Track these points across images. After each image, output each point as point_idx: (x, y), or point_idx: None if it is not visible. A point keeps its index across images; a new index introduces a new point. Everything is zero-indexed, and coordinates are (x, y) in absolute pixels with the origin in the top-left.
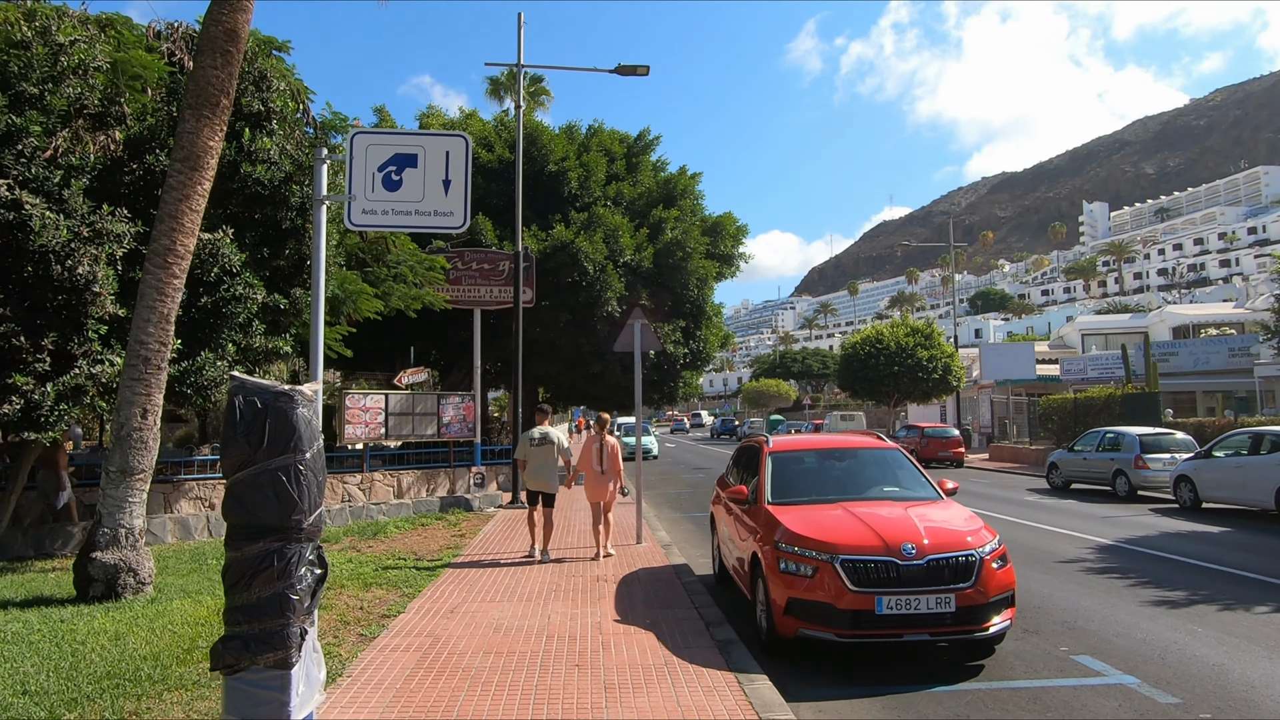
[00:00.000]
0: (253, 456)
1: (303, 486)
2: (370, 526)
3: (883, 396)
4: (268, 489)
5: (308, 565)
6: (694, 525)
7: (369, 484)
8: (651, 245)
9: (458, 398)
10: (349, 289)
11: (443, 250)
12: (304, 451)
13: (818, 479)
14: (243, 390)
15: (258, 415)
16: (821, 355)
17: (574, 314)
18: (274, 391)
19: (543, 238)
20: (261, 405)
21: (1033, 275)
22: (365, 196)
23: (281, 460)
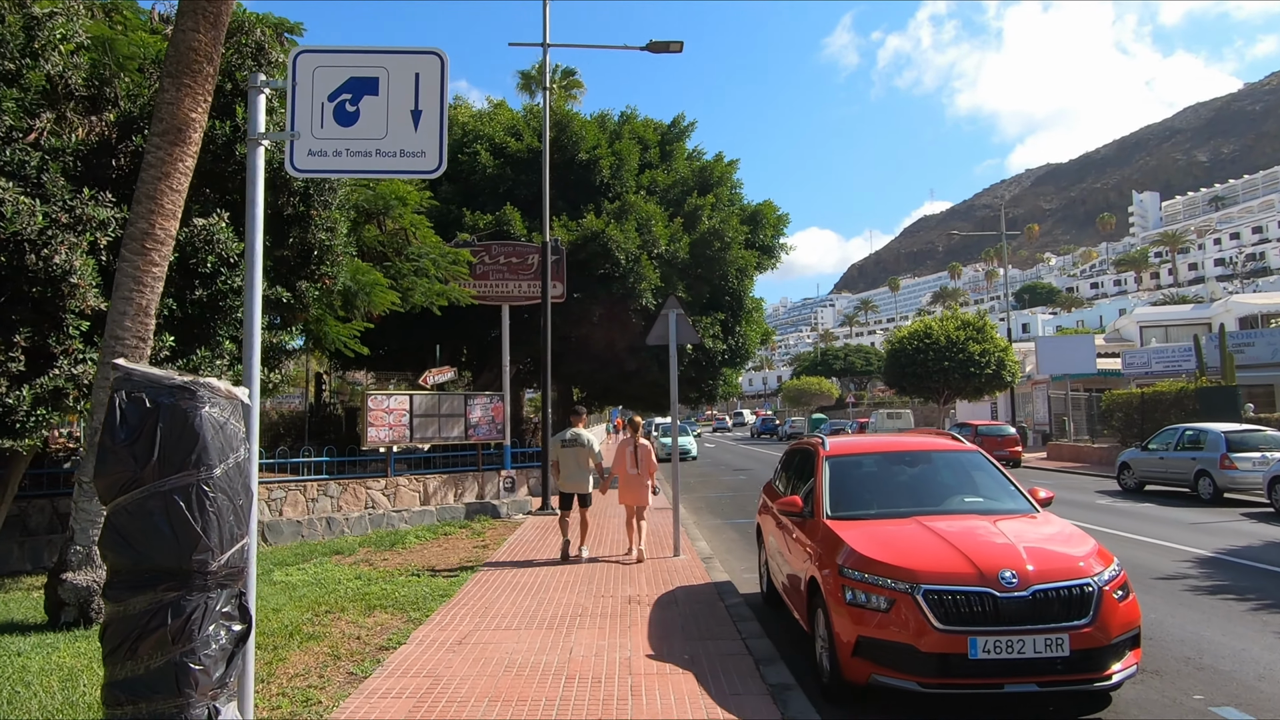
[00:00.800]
0: (139, 474)
1: (209, 515)
2: (389, 536)
3: (931, 393)
4: (159, 518)
5: (220, 621)
6: (737, 533)
7: (393, 489)
8: (687, 235)
9: (486, 398)
10: (362, 280)
11: (468, 244)
12: (211, 467)
13: (885, 488)
14: (127, 384)
15: (146, 418)
16: (865, 352)
17: (606, 308)
18: (169, 386)
19: (573, 228)
20: (151, 404)
21: (1080, 268)
22: (312, 134)
23: (179, 479)
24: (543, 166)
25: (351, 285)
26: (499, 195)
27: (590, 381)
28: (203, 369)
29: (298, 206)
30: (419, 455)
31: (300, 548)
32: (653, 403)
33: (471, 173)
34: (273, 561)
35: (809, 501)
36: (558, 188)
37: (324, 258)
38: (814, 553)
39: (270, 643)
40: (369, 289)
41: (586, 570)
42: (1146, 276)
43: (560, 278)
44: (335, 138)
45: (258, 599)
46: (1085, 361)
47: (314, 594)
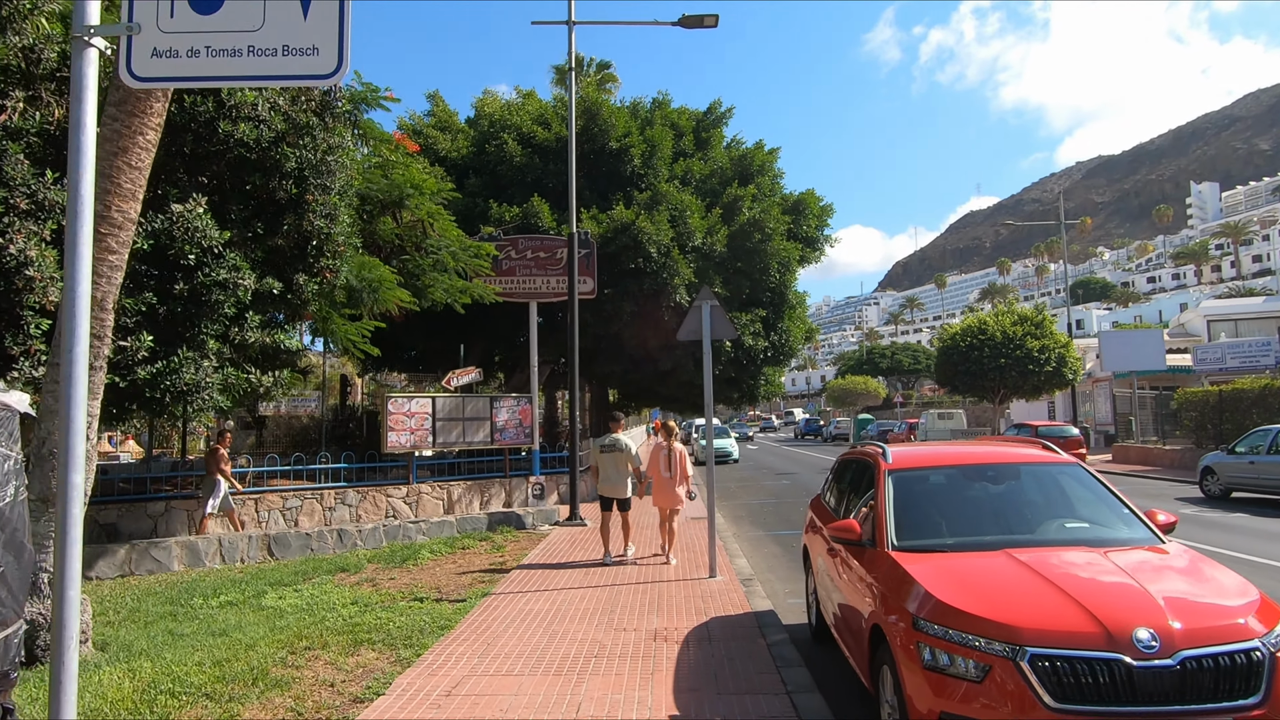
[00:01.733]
0: None
1: None
2: (403, 550)
3: (986, 392)
4: None
5: None
6: (780, 548)
7: (415, 497)
8: (725, 227)
9: (513, 400)
10: (368, 276)
11: (493, 238)
12: None
13: (964, 510)
14: None
15: None
16: (912, 350)
17: (638, 305)
18: None
19: (602, 220)
20: None
21: (1135, 262)
22: (159, 26)
23: None
24: (569, 150)
25: (356, 281)
26: (526, 186)
27: (624, 382)
28: (184, 371)
29: (291, 190)
30: (444, 460)
31: (305, 564)
32: (690, 403)
33: (499, 163)
34: (270, 580)
35: (869, 526)
36: (587, 178)
37: (323, 248)
38: (878, 593)
39: (226, 692)
40: (375, 285)
41: (609, 596)
42: (1207, 270)
43: (590, 273)
44: (191, 30)
45: (235, 629)
46: (1154, 357)
47: (299, 624)
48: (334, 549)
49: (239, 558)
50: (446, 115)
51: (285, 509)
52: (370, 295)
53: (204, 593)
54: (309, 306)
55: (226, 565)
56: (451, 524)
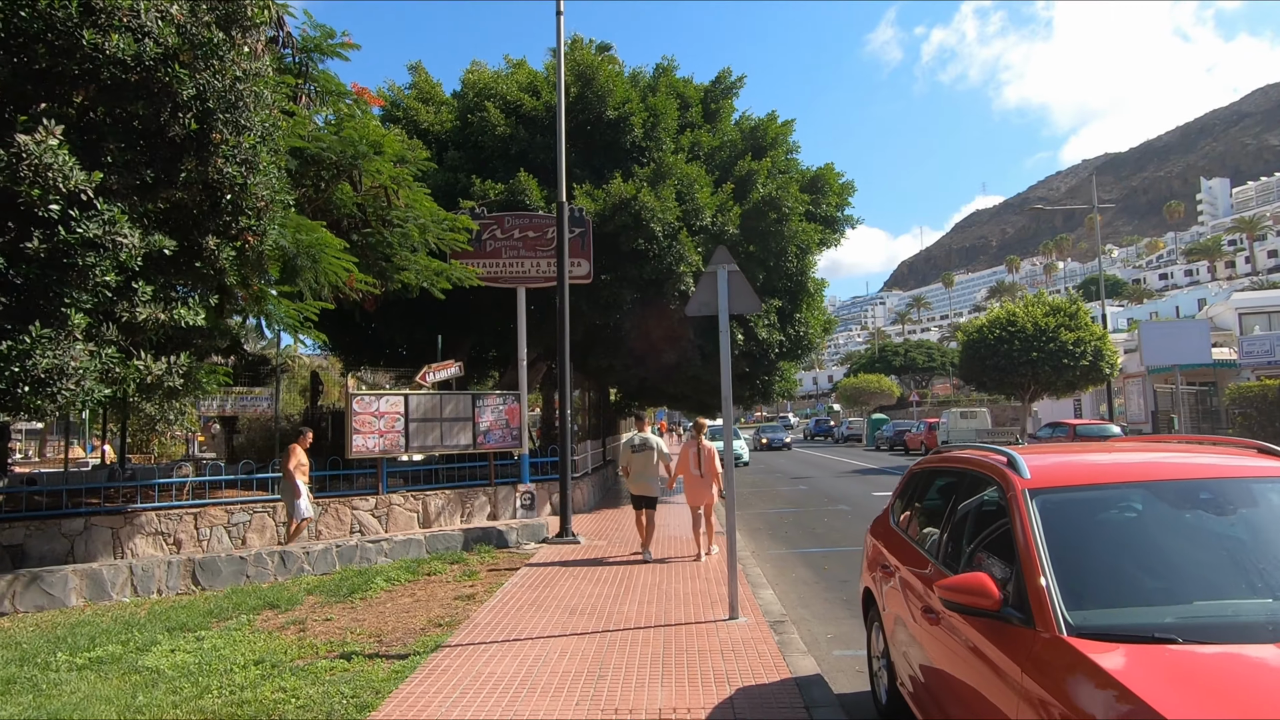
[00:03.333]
0: None
1: None
2: (355, 578)
3: (1015, 389)
4: None
5: None
6: (809, 571)
7: (385, 510)
8: (737, 205)
9: (498, 398)
10: (304, 240)
11: (475, 214)
12: None
13: (1175, 561)
14: None
15: None
16: (926, 347)
17: (640, 291)
18: None
19: (599, 196)
20: None
21: (1145, 259)
22: None
23: None
24: (558, 93)
25: (289, 246)
26: (511, 160)
27: (625, 378)
28: (40, 353)
29: (190, 125)
30: (421, 468)
31: (230, 597)
32: (698, 402)
33: (481, 134)
34: (173, 623)
35: (1012, 590)
36: (581, 150)
37: (240, 204)
38: (1055, 717)
39: None
40: (315, 252)
41: (599, 650)
42: (1220, 266)
43: (585, 255)
44: None
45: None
46: (1197, 350)
47: (167, 702)
48: (274, 575)
49: (155, 588)
50: (429, 86)
51: (231, 525)
52: (310, 266)
53: (77, 644)
54: (226, 277)
55: (139, 598)
56: (420, 543)
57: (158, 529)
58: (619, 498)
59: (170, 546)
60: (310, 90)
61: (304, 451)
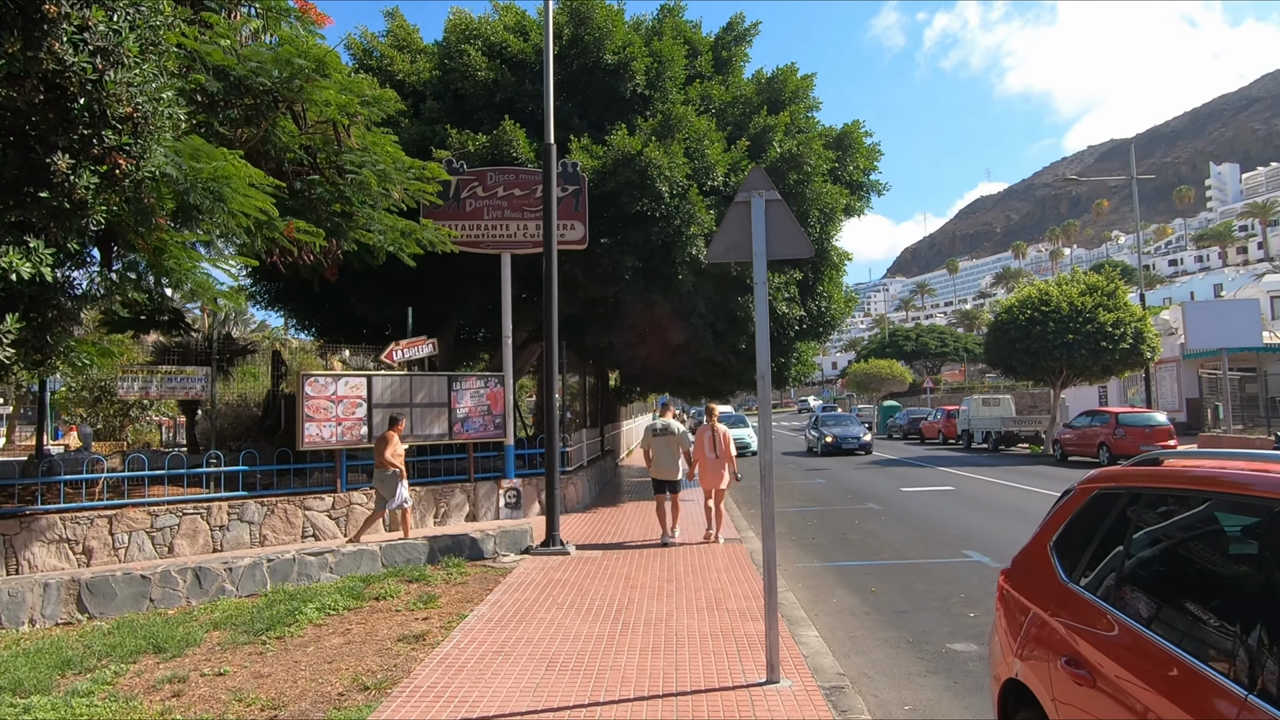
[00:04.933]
0: None
1: None
2: (282, 604)
3: (1047, 373)
4: None
5: None
6: (853, 593)
7: (344, 510)
8: (753, 163)
9: (478, 381)
10: (201, 168)
11: (453, 169)
12: None
13: None
14: None
15: None
16: (939, 332)
17: (643, 259)
18: None
19: (597, 152)
20: None
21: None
22: None
23: None
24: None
25: (178, 176)
26: (496, 109)
27: (626, 359)
28: None
29: None
30: None
31: (115, 632)
32: (708, 386)
33: (462, 81)
34: (10, 677)
35: None
36: (576, 100)
37: (102, 111)
38: None
39: None
40: (217, 187)
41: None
42: (1232, 251)
43: (580, 216)
44: None
45: None
46: (1247, 332)
47: None
48: (186, 597)
49: (26, 617)
50: (406, 33)
51: (155, 530)
52: (214, 205)
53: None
54: (91, 213)
55: (1, 630)
56: (375, 555)
57: (62, 535)
58: (618, 492)
59: (79, 556)
60: (249, 12)
61: (399, 440)
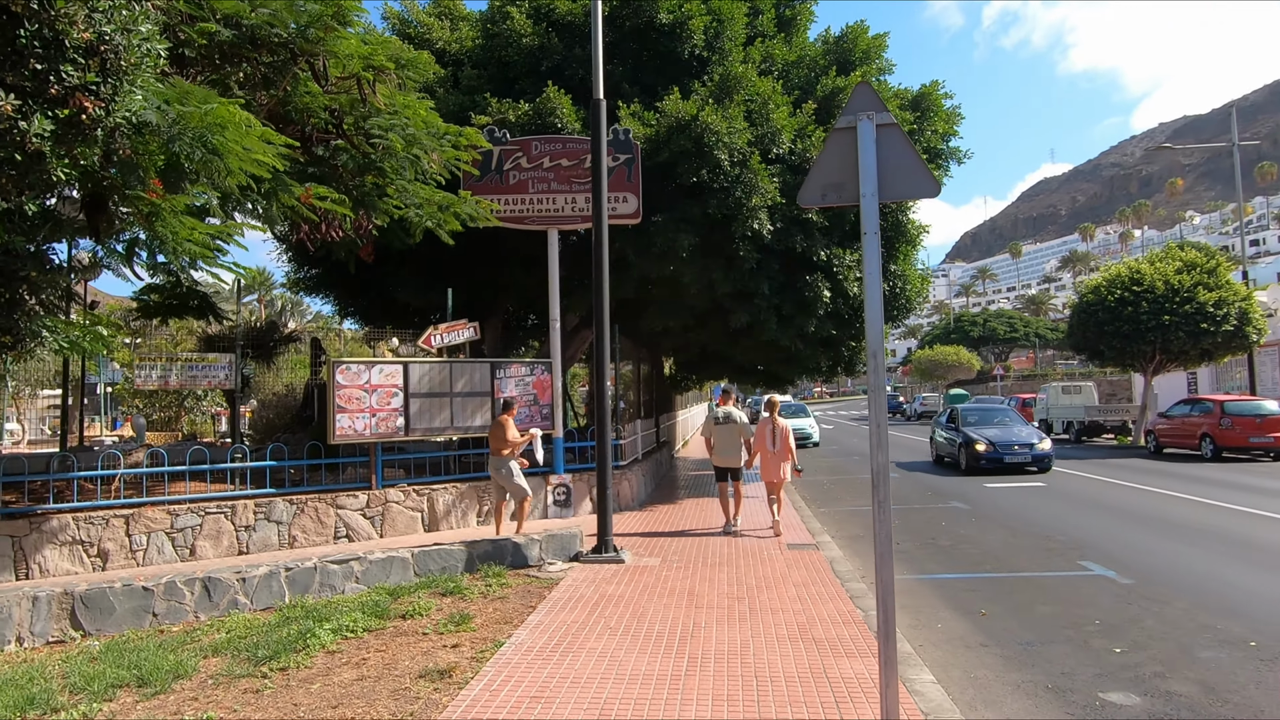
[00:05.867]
0: None
1: None
2: (296, 620)
3: (1138, 358)
4: None
5: None
6: (960, 615)
7: (380, 508)
8: (821, 128)
9: (523, 368)
10: (191, 116)
11: (495, 137)
12: None
13: None
14: None
15: None
16: (1007, 317)
17: (701, 236)
18: None
19: (649, 120)
20: None
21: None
22: None
23: None
24: None
25: (160, 122)
26: (539, 75)
27: (683, 345)
28: None
29: None
30: (429, 455)
31: (104, 655)
32: (770, 374)
33: (505, 47)
34: None
35: None
36: (628, 65)
37: (57, 40)
38: None
39: None
40: (203, 135)
41: None
42: None
43: (633, 188)
44: None
45: None
46: None
47: None
48: (193, 612)
49: (13, 635)
50: (449, 1)
51: (175, 530)
52: (206, 157)
53: None
54: (48, 167)
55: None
56: (406, 562)
57: (75, 537)
58: (675, 487)
59: (94, 559)
60: None
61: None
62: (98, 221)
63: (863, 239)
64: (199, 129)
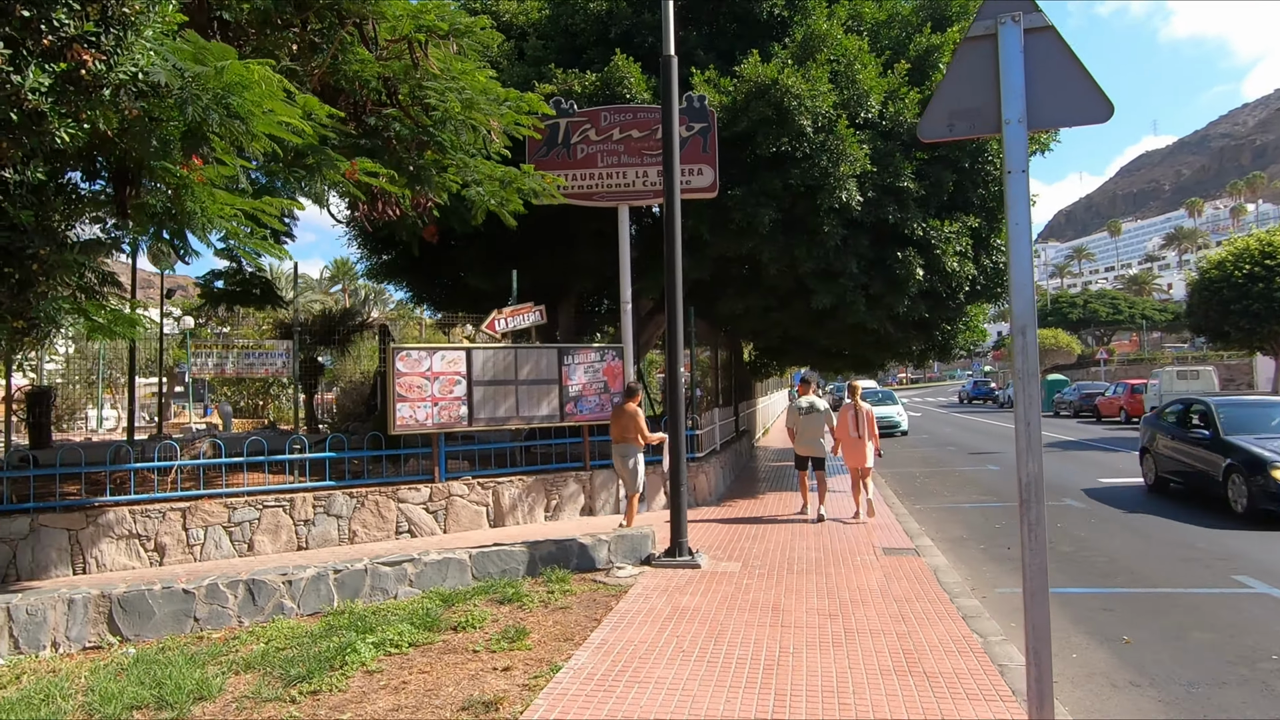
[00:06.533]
0: None
1: None
2: (336, 632)
3: (1270, 338)
4: None
5: None
6: (1101, 644)
7: (443, 502)
8: (915, 90)
9: (593, 354)
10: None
11: (561, 107)
12: None
13: None
14: None
15: None
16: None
17: (782, 208)
18: None
19: (725, 87)
20: None
21: None
22: None
23: None
24: None
25: (171, 80)
26: (608, 44)
27: (763, 328)
28: None
29: None
30: (494, 446)
31: (127, 671)
32: (856, 358)
33: (573, 16)
34: None
35: None
36: (703, 30)
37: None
38: None
39: None
40: (223, 96)
41: None
42: None
43: (709, 159)
44: None
45: None
46: None
47: None
48: (236, 616)
49: (47, 639)
50: None
51: (232, 524)
52: (224, 120)
53: None
54: (50, 127)
55: (19, 655)
56: (463, 564)
57: (132, 530)
58: (755, 480)
59: (150, 553)
60: None
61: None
62: (124, 196)
63: (1006, 182)
64: (217, 88)
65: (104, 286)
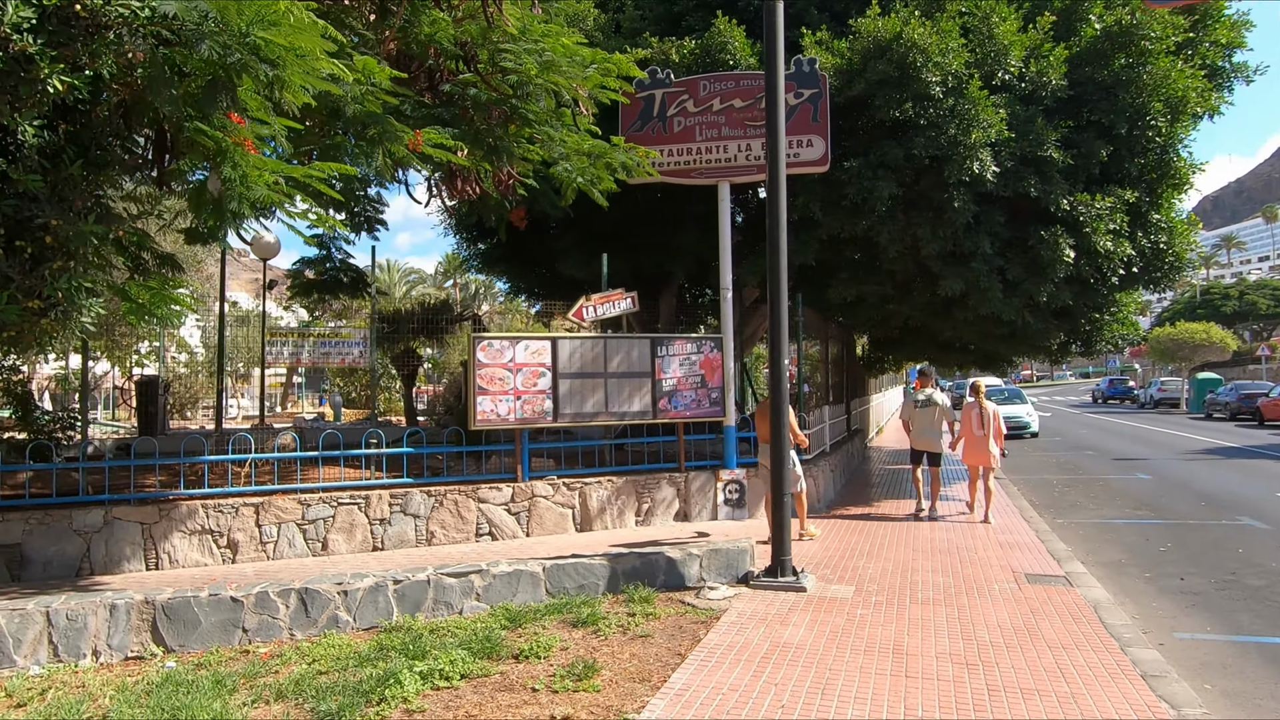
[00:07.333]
0: None
1: None
2: (384, 654)
3: None
4: None
5: None
6: None
7: (526, 503)
8: (1061, 46)
9: (689, 345)
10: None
11: (656, 76)
12: None
13: None
14: None
15: None
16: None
17: (904, 183)
18: None
19: (838, 49)
20: None
21: None
22: None
23: None
24: None
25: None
26: (708, 8)
27: (878, 318)
28: None
29: None
30: (581, 444)
31: (152, 692)
32: (983, 353)
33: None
34: None
35: None
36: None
37: None
38: None
39: None
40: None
41: None
42: None
43: (820, 129)
44: None
45: None
46: None
47: None
48: (287, 628)
49: (88, 648)
50: None
51: (306, 521)
52: (247, 58)
53: None
54: (42, 71)
55: (58, 664)
56: (536, 577)
57: (204, 525)
58: (869, 484)
59: (223, 550)
60: None
61: None
62: (161, 160)
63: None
64: (238, 27)
65: (162, 268)
